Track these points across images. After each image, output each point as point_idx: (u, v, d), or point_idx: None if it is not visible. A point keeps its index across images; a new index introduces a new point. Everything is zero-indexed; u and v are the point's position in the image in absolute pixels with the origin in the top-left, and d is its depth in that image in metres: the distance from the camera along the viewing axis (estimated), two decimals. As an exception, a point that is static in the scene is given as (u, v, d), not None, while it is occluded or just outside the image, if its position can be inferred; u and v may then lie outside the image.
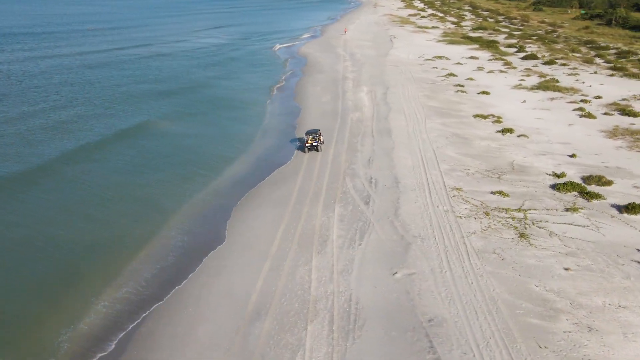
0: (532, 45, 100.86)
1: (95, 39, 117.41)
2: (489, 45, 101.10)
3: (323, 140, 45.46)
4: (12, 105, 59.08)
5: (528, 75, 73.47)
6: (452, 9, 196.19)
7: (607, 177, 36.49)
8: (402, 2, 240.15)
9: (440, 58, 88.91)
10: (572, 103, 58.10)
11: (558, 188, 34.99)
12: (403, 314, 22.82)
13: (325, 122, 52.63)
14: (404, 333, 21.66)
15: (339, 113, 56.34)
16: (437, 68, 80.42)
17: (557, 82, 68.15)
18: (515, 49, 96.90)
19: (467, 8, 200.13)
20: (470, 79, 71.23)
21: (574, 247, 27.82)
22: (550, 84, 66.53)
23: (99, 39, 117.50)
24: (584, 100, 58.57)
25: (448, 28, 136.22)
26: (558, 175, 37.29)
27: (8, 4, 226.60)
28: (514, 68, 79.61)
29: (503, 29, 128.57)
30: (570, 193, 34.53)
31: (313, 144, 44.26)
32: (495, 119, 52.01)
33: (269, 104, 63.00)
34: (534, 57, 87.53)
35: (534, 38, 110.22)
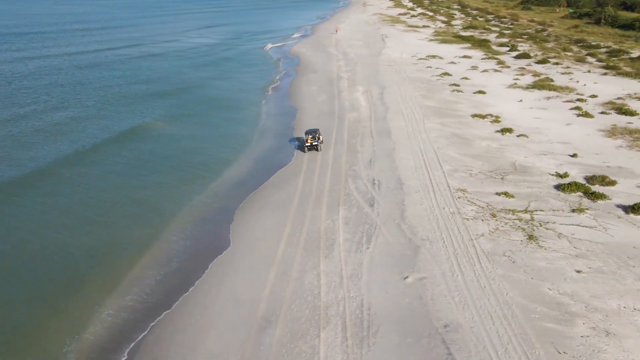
0: (523, 44, 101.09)
1: (85, 39, 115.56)
2: (481, 44, 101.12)
3: (322, 140, 45.02)
4: (1, 107, 57.67)
5: (522, 74, 73.50)
6: (441, 8, 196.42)
7: (610, 177, 36.38)
8: (391, 1, 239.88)
9: (434, 57, 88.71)
10: (568, 102, 58.13)
11: (562, 188, 34.79)
12: (417, 320, 22.39)
13: (323, 122, 52.09)
14: (420, 339, 21.22)
15: (336, 113, 55.83)
16: (431, 67, 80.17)
17: (551, 81, 68.21)
18: (507, 48, 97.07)
19: (455, 7, 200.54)
20: (465, 78, 71.05)
21: (584, 248, 27.60)
22: (545, 83, 66.58)
23: (88, 39, 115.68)
24: (580, 99, 58.63)
25: (439, 27, 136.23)
26: (561, 176, 37.12)
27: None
28: (508, 67, 79.61)
29: (493, 28, 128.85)
30: (575, 193, 34.35)
31: (313, 144, 43.88)
32: (494, 119, 51.83)
33: (264, 105, 62.28)
34: (527, 56, 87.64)
35: (525, 37, 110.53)
